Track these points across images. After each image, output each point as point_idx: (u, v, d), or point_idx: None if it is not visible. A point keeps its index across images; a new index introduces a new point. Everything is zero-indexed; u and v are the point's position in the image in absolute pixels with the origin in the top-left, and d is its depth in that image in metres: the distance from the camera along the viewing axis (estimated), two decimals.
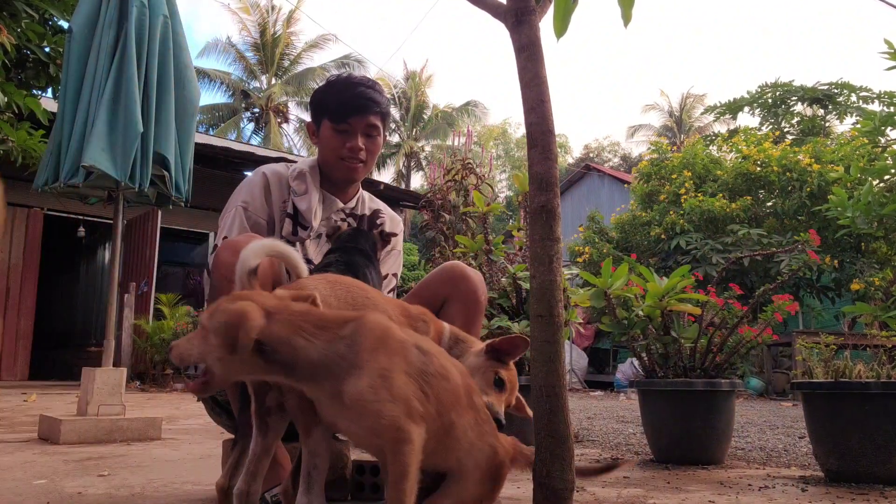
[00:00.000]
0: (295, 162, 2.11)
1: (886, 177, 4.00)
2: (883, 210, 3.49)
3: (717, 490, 2.17)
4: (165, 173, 3.59)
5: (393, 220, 2.15)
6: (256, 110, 27.00)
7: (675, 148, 14.77)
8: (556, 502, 1.44)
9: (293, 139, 27.47)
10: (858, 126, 6.70)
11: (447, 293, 1.87)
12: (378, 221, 2.10)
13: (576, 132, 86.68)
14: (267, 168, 2.03)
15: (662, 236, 10.19)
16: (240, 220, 1.92)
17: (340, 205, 2.03)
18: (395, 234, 1.97)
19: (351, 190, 2.07)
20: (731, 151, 11.18)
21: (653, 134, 31.48)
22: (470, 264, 4.02)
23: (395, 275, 2.14)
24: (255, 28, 26.86)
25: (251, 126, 27.38)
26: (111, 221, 3.85)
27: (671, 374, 2.92)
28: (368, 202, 2.18)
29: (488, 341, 1.61)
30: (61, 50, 4.19)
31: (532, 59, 1.59)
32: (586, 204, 18.27)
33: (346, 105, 1.94)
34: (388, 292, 2.08)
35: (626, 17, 1.71)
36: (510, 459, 1.36)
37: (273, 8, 26.90)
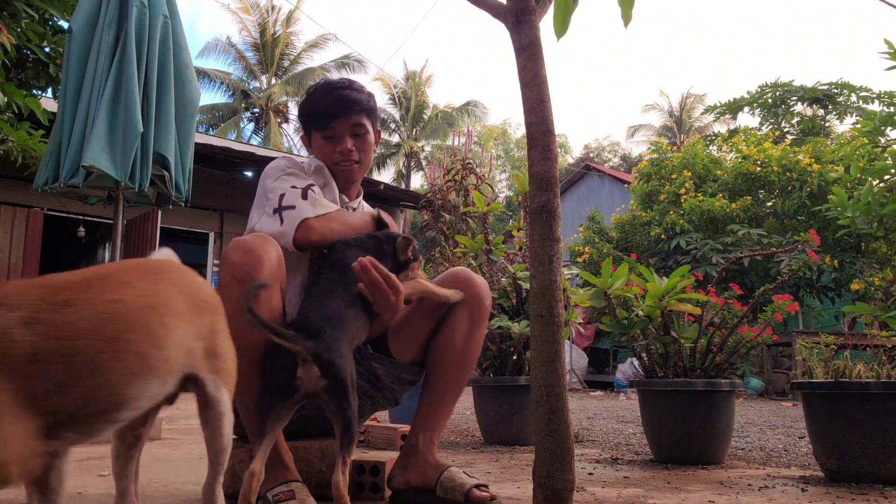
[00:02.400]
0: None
1: (886, 177, 3.99)
2: (883, 210, 3.49)
3: (717, 490, 2.17)
4: (165, 173, 3.59)
5: None
6: (256, 110, 27.00)
7: (675, 148, 14.75)
8: (556, 502, 1.44)
9: (293, 139, 27.46)
10: (858, 126, 6.69)
11: None
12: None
13: (576, 132, 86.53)
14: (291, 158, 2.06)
15: (662, 236, 10.18)
16: (320, 206, 1.83)
17: (347, 201, 2.07)
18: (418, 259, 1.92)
19: (352, 191, 2.11)
20: (731, 151, 11.16)
21: (653, 134, 31.44)
22: (470, 264, 4.04)
23: None
24: (255, 28, 26.86)
25: (251, 126, 27.40)
26: (111, 221, 3.85)
27: (671, 374, 2.92)
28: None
29: None
30: (61, 50, 4.18)
31: (532, 59, 1.59)
32: (586, 204, 18.25)
33: (328, 111, 1.97)
34: None
35: (626, 18, 1.71)
36: None
37: (273, 8, 26.90)
